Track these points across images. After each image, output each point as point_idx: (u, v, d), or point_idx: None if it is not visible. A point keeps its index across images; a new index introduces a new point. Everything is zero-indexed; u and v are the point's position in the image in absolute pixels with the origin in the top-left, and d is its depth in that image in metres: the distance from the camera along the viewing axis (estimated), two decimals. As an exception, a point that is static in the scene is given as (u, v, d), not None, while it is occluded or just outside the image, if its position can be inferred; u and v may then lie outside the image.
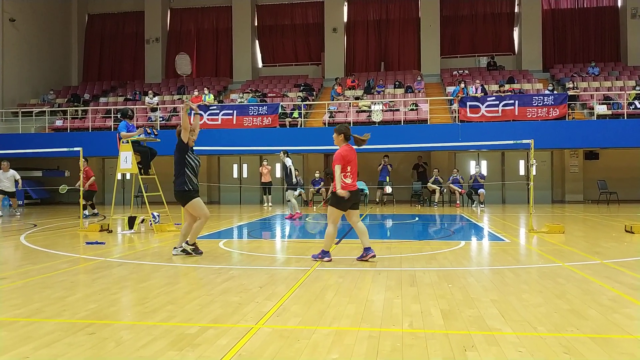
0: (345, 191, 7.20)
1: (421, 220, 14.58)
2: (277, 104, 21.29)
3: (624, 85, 22.96)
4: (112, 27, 31.37)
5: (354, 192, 7.41)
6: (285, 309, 4.83)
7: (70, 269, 7.11)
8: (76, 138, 20.78)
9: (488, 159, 23.09)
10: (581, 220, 13.98)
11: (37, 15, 27.63)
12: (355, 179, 7.46)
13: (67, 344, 3.87)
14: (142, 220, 12.11)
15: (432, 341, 3.87)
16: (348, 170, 7.36)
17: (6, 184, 16.88)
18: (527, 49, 27.20)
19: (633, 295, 5.27)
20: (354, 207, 7.55)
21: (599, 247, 8.79)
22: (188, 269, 7.09)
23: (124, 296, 5.56)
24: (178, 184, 7.88)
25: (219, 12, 30.40)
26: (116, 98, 26.51)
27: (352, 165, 7.41)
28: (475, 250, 9.17)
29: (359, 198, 7.68)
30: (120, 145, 11.58)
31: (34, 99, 27.05)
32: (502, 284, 5.83)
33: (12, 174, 17.06)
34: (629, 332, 4.07)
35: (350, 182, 7.38)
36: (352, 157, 7.42)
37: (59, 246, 9.42)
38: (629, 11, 26.34)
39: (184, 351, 3.70)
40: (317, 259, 7.50)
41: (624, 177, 21.80)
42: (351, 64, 29.30)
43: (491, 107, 19.74)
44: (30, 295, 5.48)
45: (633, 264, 7.06)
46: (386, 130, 19.93)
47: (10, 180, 17.03)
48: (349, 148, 7.46)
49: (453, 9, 28.63)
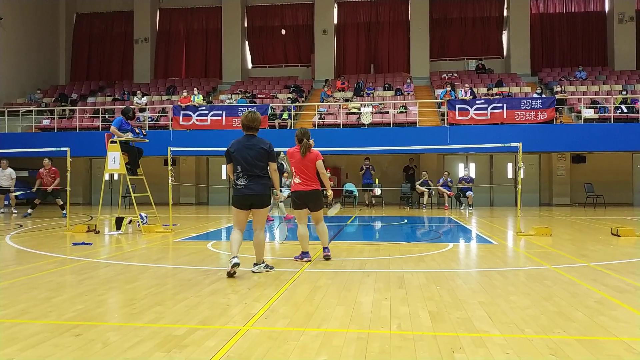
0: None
1: (410, 223, 14.62)
2: (267, 105, 21.27)
3: (611, 89, 23.20)
4: (101, 26, 31.15)
5: (299, 193, 7.51)
6: (274, 311, 4.82)
7: (57, 269, 7.05)
8: (63, 138, 20.60)
9: (476, 161, 23.22)
10: (568, 223, 14.08)
11: (24, 14, 27.39)
12: (304, 182, 7.48)
13: (54, 345, 3.84)
14: (129, 221, 12.04)
15: (420, 343, 3.88)
16: (294, 172, 7.60)
17: (4, 182, 17.10)
18: (515, 53, 27.39)
19: (619, 297, 5.31)
20: (311, 209, 7.62)
21: (585, 249, 8.86)
22: (176, 270, 7.05)
23: (111, 297, 5.52)
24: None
25: (209, 13, 30.31)
26: (104, 98, 26.35)
27: (294, 166, 7.55)
28: (464, 252, 9.21)
29: (311, 199, 7.56)
30: (109, 146, 11.51)
31: (21, 98, 26.79)
32: (490, 286, 5.86)
33: (9, 172, 17.42)
34: (615, 334, 4.10)
35: (298, 183, 7.52)
36: (294, 159, 7.52)
37: (45, 247, 9.34)
38: (616, 16, 26.62)
39: (172, 352, 3.68)
40: (297, 260, 7.61)
41: (611, 181, 22.00)
42: (341, 66, 29.34)
43: (480, 110, 19.85)
44: (16, 296, 5.43)
45: (619, 267, 7.12)
46: (375, 133, 19.99)
47: (7, 178, 17.35)
48: (294, 149, 7.56)
49: (442, 12, 28.75)
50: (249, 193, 6.46)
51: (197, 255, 8.29)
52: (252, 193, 6.46)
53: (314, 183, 7.52)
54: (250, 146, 6.53)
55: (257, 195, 6.48)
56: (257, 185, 6.47)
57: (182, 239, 10.62)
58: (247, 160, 6.47)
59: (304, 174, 7.49)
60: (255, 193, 6.46)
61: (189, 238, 10.76)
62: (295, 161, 7.51)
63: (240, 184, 6.49)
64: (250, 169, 6.46)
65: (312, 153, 7.52)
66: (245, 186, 6.46)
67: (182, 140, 20.17)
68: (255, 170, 6.47)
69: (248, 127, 6.64)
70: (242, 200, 6.50)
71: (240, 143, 6.58)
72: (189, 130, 20.90)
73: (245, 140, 6.60)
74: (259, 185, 6.48)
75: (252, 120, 6.63)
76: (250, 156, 6.48)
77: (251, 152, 6.50)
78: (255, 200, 6.50)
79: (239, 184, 6.49)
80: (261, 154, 6.52)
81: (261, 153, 6.52)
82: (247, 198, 6.49)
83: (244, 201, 6.51)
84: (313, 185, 7.51)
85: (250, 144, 6.54)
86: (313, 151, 7.54)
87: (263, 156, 6.53)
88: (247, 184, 6.46)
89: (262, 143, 6.56)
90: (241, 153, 6.50)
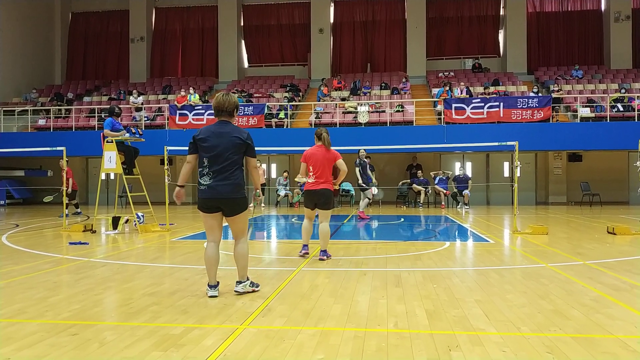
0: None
1: (406, 221, 14.63)
2: (263, 105, 21.25)
3: (607, 88, 23.26)
4: (96, 25, 31.06)
5: (312, 192, 7.64)
6: (271, 310, 4.82)
7: (53, 269, 7.04)
8: (59, 137, 20.56)
9: (473, 160, 23.24)
10: (564, 221, 14.11)
11: (20, 13, 27.29)
12: (318, 180, 7.60)
13: (50, 345, 3.83)
14: (126, 220, 12.02)
15: (417, 341, 3.89)
16: (311, 170, 7.67)
17: None
18: (512, 52, 27.42)
19: (615, 295, 5.33)
20: (320, 207, 7.70)
21: (581, 248, 8.89)
22: (172, 269, 7.05)
23: (108, 297, 5.51)
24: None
25: (205, 12, 30.26)
26: (100, 97, 26.29)
27: (314, 165, 7.64)
28: (460, 251, 9.22)
29: (320, 198, 7.66)
30: (105, 145, 11.48)
31: (16, 97, 26.72)
32: (486, 285, 5.87)
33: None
34: (611, 331, 4.12)
35: (312, 182, 7.64)
36: (315, 158, 7.63)
37: (41, 246, 9.32)
38: (612, 15, 26.67)
39: (169, 352, 3.68)
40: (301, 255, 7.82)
41: (607, 179, 22.05)
42: (337, 65, 29.34)
43: (476, 109, 19.86)
44: (13, 296, 5.42)
45: (615, 265, 7.14)
46: (372, 132, 20.00)
47: None
48: (315, 148, 7.72)
49: (439, 11, 28.77)
50: (216, 197, 5.14)
51: (193, 255, 8.29)
52: (218, 197, 5.14)
53: (327, 182, 7.67)
54: (221, 134, 5.18)
55: (228, 200, 5.17)
56: (224, 187, 5.13)
57: (179, 238, 10.61)
58: (215, 151, 5.13)
59: (321, 173, 7.61)
60: (224, 197, 5.15)
61: (185, 237, 10.75)
62: (317, 159, 7.62)
63: (204, 184, 5.17)
64: (217, 164, 5.13)
65: (333, 152, 7.74)
66: (209, 187, 5.15)
67: (178, 140, 20.14)
68: (223, 166, 5.13)
69: (219, 111, 5.30)
70: (207, 203, 5.21)
71: (209, 130, 5.24)
72: (185, 129, 20.87)
73: (216, 127, 5.26)
74: (226, 186, 5.14)
75: (224, 102, 5.27)
76: (221, 146, 5.14)
77: (222, 140, 5.15)
78: (224, 205, 5.21)
79: (202, 184, 5.17)
80: (235, 145, 5.16)
81: (235, 144, 5.17)
82: (213, 202, 5.18)
83: (210, 204, 5.21)
84: (325, 185, 7.65)
85: (221, 132, 5.20)
86: (332, 150, 7.75)
87: (237, 148, 5.18)
88: (211, 184, 5.15)
89: (237, 132, 5.21)
90: (209, 141, 5.16)
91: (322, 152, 7.65)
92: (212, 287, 5.38)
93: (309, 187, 7.68)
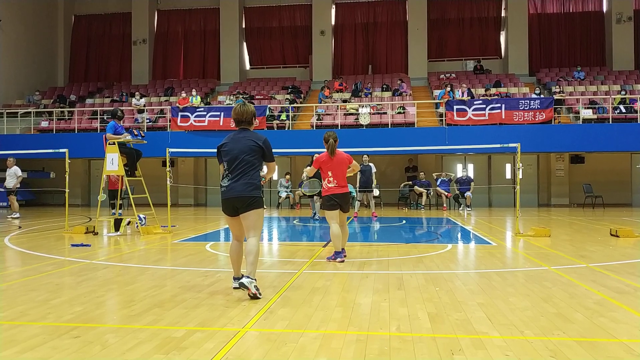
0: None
1: (408, 224, 14.61)
2: (265, 106, 21.25)
3: (609, 89, 23.21)
4: (99, 28, 31.11)
5: (338, 195, 7.71)
6: (272, 313, 4.81)
7: (55, 271, 7.03)
8: (62, 139, 20.59)
9: (475, 162, 23.22)
10: (567, 223, 14.08)
11: (23, 15, 27.34)
12: (339, 183, 7.72)
13: (52, 348, 3.82)
14: (128, 222, 12.02)
15: (420, 345, 3.87)
16: (330, 175, 7.71)
17: (7, 180, 16.31)
18: (513, 53, 27.38)
19: (618, 298, 5.31)
20: (344, 210, 7.82)
21: (584, 250, 8.86)
22: (174, 271, 7.04)
23: (110, 299, 5.50)
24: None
25: (207, 14, 30.28)
26: (103, 99, 26.33)
27: (332, 170, 7.72)
28: (462, 253, 9.20)
29: (345, 201, 7.82)
30: (107, 147, 11.49)
31: (19, 99, 26.79)
32: (489, 288, 5.85)
33: (14, 171, 16.44)
34: (615, 335, 4.10)
35: (333, 186, 7.70)
36: (329, 164, 7.72)
37: (43, 248, 9.32)
38: (614, 16, 26.64)
39: (170, 355, 3.67)
40: (331, 260, 7.69)
41: (609, 181, 22.01)
42: (339, 67, 29.33)
43: (478, 110, 19.85)
44: (15, 298, 5.41)
45: (618, 268, 7.12)
46: (373, 133, 19.99)
47: (10, 176, 16.37)
48: (325, 155, 7.80)
49: (440, 12, 28.75)
50: (231, 196, 5.51)
51: (195, 257, 8.28)
52: (233, 196, 5.50)
53: (346, 185, 7.83)
54: (238, 139, 5.65)
55: (240, 198, 5.47)
56: (239, 185, 5.49)
57: (181, 240, 10.61)
58: (233, 154, 5.57)
59: (337, 176, 7.71)
60: (237, 195, 5.47)
61: (187, 239, 10.75)
62: (333, 164, 7.72)
63: (224, 185, 5.58)
64: (234, 165, 5.54)
65: (343, 155, 7.81)
66: (228, 187, 5.54)
67: (180, 142, 20.15)
68: (240, 167, 5.52)
69: (239, 122, 5.76)
70: (225, 204, 5.58)
71: (229, 137, 5.75)
72: (187, 131, 20.88)
73: (235, 134, 5.76)
74: (241, 185, 5.49)
75: (242, 113, 5.73)
76: (237, 150, 5.57)
77: (238, 145, 5.61)
78: (238, 203, 5.50)
79: (222, 185, 5.59)
80: (250, 148, 5.57)
81: (250, 147, 5.57)
82: (230, 202, 5.54)
83: (227, 205, 5.57)
84: (346, 188, 7.81)
85: (239, 137, 5.67)
86: (342, 153, 7.83)
87: (253, 151, 5.58)
88: (229, 185, 5.53)
89: (254, 137, 5.65)
90: (227, 146, 5.65)
91: (336, 157, 7.73)
92: (236, 280, 5.67)
93: (334, 190, 7.72)
